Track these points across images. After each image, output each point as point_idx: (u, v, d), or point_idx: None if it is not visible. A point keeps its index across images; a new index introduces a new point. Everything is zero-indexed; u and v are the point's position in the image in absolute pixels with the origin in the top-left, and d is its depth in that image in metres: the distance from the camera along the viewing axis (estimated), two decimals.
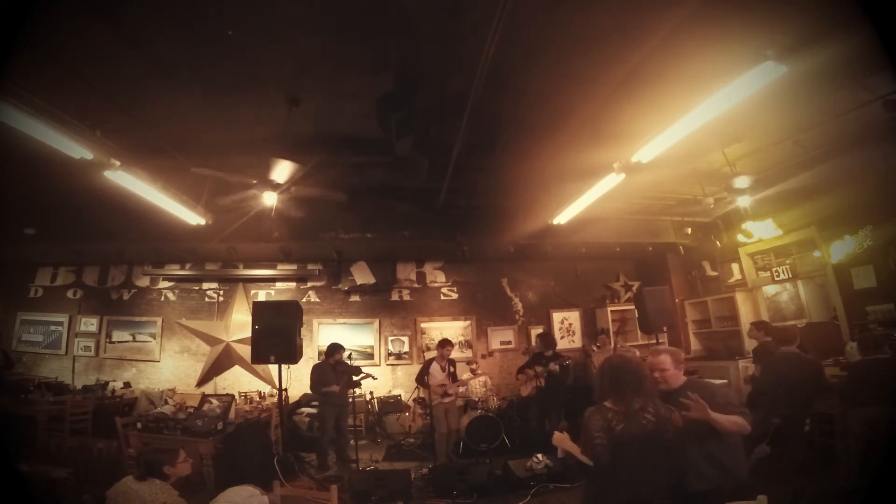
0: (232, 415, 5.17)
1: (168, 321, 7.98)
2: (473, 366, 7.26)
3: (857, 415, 3.80)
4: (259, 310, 5.65)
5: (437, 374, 5.94)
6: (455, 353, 6.62)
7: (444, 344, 6.18)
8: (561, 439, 2.47)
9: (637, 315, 6.99)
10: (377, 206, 6.91)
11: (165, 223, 5.84)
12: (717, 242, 7.72)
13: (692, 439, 2.39)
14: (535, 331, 8.24)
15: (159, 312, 8.03)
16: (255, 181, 4.62)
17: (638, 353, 6.56)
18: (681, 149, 4.22)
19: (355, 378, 5.99)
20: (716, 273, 8.25)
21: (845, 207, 5.90)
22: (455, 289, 8.60)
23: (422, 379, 5.98)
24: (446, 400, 5.91)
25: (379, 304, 8.35)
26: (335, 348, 6.00)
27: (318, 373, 5.82)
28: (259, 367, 7.63)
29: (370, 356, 8.04)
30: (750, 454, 2.72)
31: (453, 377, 6.05)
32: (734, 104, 3.42)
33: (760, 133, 5.08)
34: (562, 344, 8.20)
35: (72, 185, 4.95)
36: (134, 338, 7.90)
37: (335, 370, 5.85)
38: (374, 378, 6.48)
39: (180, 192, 5.20)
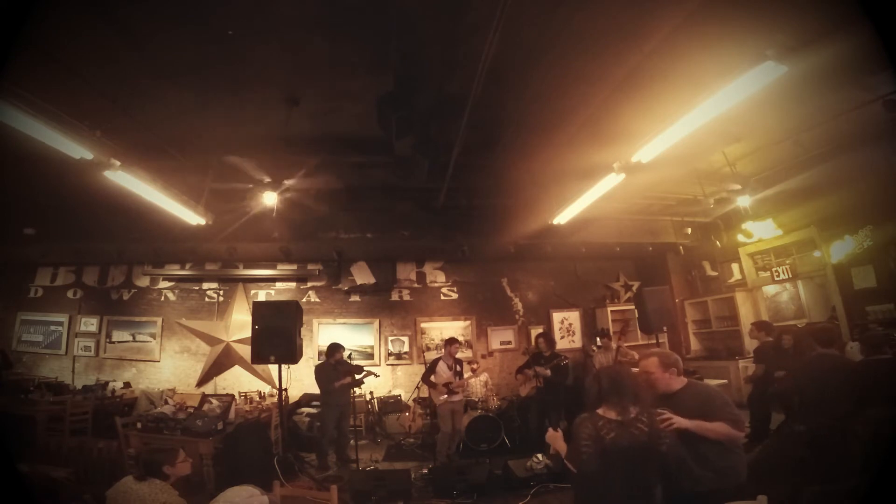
0: (232, 415, 5.16)
1: (168, 321, 7.98)
2: (474, 365, 7.26)
3: (858, 415, 3.77)
4: (259, 310, 5.65)
5: (443, 372, 5.93)
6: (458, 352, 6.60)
7: (452, 342, 6.14)
8: (553, 437, 2.48)
9: (637, 315, 6.99)
10: (377, 206, 6.91)
11: (165, 223, 5.84)
12: (717, 242, 7.72)
13: (685, 442, 2.38)
14: (535, 331, 8.23)
15: (159, 312, 8.03)
16: (269, 179, 4.60)
17: (637, 355, 6.58)
18: (681, 149, 4.21)
19: (357, 377, 6.00)
20: (716, 273, 8.26)
21: (845, 207, 5.90)
22: (455, 289, 8.60)
23: (428, 378, 5.96)
24: (455, 398, 5.89)
25: (379, 304, 8.35)
26: (335, 348, 6.00)
27: (321, 373, 5.84)
28: (259, 367, 7.63)
29: (370, 356, 8.04)
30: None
31: (459, 376, 6.03)
32: (734, 104, 3.41)
33: (760, 133, 5.08)
34: (562, 344, 8.20)
35: (72, 185, 4.95)
36: (134, 338, 7.90)
37: (336, 370, 5.86)
38: (377, 376, 6.47)
39: (180, 192, 5.20)
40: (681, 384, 2.61)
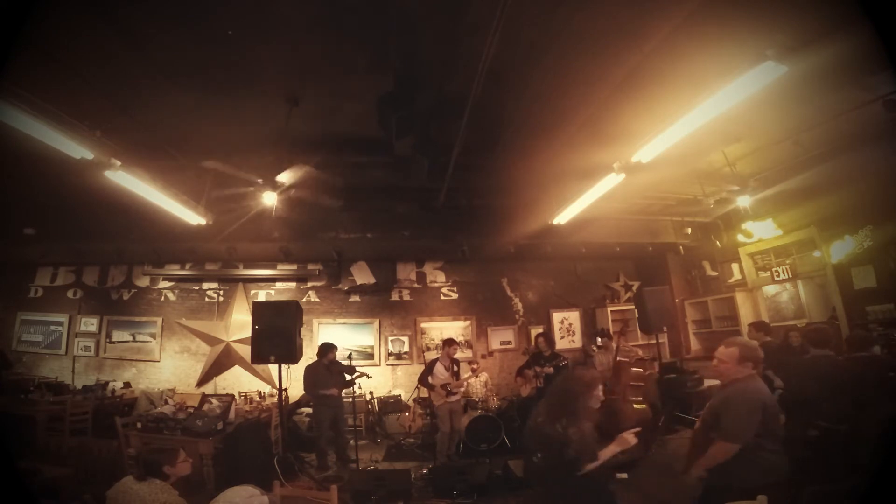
0: (232, 415, 5.16)
1: (168, 321, 7.98)
2: (474, 365, 7.26)
3: (858, 415, 3.76)
4: (259, 310, 5.65)
5: (440, 374, 5.93)
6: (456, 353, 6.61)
7: (450, 342, 6.14)
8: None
9: (637, 315, 6.99)
10: (377, 206, 6.91)
11: (165, 223, 5.84)
12: (717, 242, 7.72)
13: None
14: (535, 331, 8.22)
15: (159, 312, 8.03)
16: (260, 180, 4.61)
17: (641, 352, 6.59)
18: (681, 149, 4.21)
19: (349, 377, 5.97)
20: (716, 273, 8.25)
21: (845, 207, 5.89)
22: (455, 289, 8.60)
23: (425, 380, 5.95)
24: (452, 399, 5.89)
25: (379, 304, 8.35)
26: (328, 348, 5.95)
27: (311, 374, 5.75)
28: (259, 367, 7.63)
29: (370, 356, 8.04)
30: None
31: (457, 376, 6.03)
32: (734, 104, 3.41)
33: (760, 133, 5.08)
34: (562, 344, 8.20)
35: (72, 185, 4.95)
36: (134, 338, 7.90)
37: (329, 370, 5.82)
38: (369, 377, 6.46)
39: (180, 192, 5.19)
40: (742, 375, 2.64)
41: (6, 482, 2.13)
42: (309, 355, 6.00)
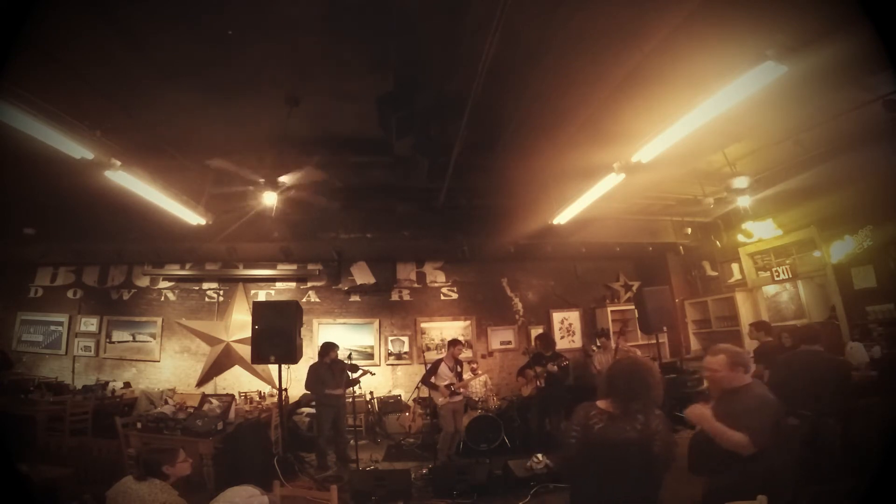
0: (232, 415, 5.16)
1: (168, 321, 7.98)
2: (474, 365, 7.26)
3: (877, 409, 3.77)
4: (259, 310, 5.65)
5: (444, 374, 5.93)
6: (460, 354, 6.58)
7: (455, 343, 6.14)
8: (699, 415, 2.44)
9: (637, 315, 6.99)
10: (377, 206, 6.92)
11: (165, 223, 5.84)
12: (717, 242, 7.72)
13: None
14: (535, 331, 8.23)
15: (159, 312, 8.02)
16: (262, 180, 4.61)
17: (639, 352, 6.59)
18: (681, 149, 4.21)
19: (353, 376, 5.97)
20: (716, 273, 8.25)
21: (845, 207, 5.90)
22: (455, 289, 8.60)
23: (428, 380, 5.94)
24: (455, 399, 5.89)
25: (379, 304, 8.35)
26: (329, 347, 5.94)
27: (314, 373, 5.76)
28: (259, 367, 7.63)
29: (370, 356, 8.04)
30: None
31: (459, 377, 6.03)
32: (734, 104, 3.41)
33: (760, 133, 5.08)
34: (562, 344, 8.20)
35: (72, 185, 4.95)
36: (134, 338, 7.90)
37: (331, 369, 5.83)
38: (373, 374, 6.45)
39: (180, 192, 5.20)
40: (742, 382, 2.50)
41: (6, 482, 2.13)
42: (309, 355, 6.01)
